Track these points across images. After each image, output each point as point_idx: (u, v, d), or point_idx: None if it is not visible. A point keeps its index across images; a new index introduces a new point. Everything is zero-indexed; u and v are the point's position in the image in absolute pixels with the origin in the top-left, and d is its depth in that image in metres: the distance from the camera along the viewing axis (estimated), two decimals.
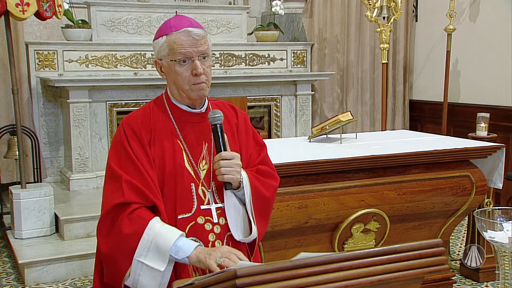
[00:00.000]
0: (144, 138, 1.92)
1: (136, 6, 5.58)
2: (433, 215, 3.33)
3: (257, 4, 6.68)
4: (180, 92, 1.97)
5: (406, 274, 1.40)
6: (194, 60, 1.91)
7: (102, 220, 1.87)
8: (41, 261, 3.91)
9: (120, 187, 1.85)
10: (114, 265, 1.84)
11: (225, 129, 2.02)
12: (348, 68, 6.35)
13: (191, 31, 1.91)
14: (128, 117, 1.99)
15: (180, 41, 1.90)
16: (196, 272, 1.90)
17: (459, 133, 4.97)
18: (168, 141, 1.95)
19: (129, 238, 1.80)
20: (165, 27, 1.96)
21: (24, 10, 4.04)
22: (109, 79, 5.13)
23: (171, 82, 1.98)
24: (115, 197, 1.85)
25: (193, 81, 1.92)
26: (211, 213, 1.94)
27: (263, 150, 2.15)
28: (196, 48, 1.91)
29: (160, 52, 1.96)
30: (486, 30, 5.49)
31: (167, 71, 1.97)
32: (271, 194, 2.08)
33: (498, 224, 2.46)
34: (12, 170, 5.16)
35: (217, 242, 1.93)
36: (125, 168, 1.88)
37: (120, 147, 1.92)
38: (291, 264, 1.31)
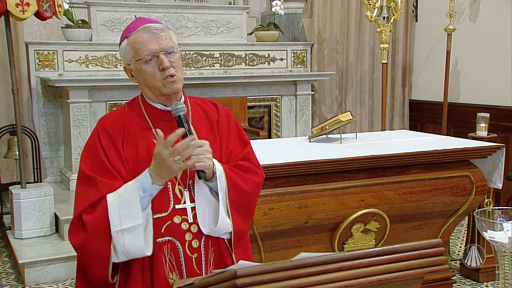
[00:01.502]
0: (117, 138, 1.93)
1: (136, 6, 5.58)
2: (433, 215, 3.33)
3: (257, 4, 6.68)
4: (153, 91, 1.97)
5: (406, 274, 1.41)
6: (159, 56, 1.90)
7: (74, 223, 1.87)
8: (41, 261, 3.91)
9: (95, 184, 1.85)
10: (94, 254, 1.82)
11: (204, 126, 2.01)
12: (347, 69, 6.35)
13: (149, 27, 1.91)
14: (102, 118, 2.01)
15: (141, 39, 1.90)
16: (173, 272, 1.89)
17: (459, 133, 4.97)
18: (143, 140, 1.95)
19: (98, 221, 1.81)
20: (125, 31, 1.97)
21: (24, 10, 4.04)
22: (109, 79, 5.13)
23: (143, 84, 1.98)
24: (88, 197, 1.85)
25: (163, 77, 1.91)
26: (186, 212, 1.92)
27: (246, 146, 2.12)
28: (158, 44, 1.90)
29: (126, 57, 1.96)
30: (486, 30, 5.49)
31: (136, 74, 1.97)
32: (252, 189, 2.02)
33: (498, 224, 2.46)
34: (12, 170, 5.16)
35: (194, 241, 1.91)
36: (97, 171, 1.89)
37: (92, 149, 1.94)
38: (291, 264, 1.31)
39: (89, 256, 1.84)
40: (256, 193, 2.07)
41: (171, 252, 1.89)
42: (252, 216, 2.08)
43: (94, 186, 1.86)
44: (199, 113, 2.06)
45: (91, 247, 1.82)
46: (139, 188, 1.83)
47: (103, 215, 1.81)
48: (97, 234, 1.81)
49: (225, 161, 2.02)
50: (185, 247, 1.90)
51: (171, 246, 1.89)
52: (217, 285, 1.35)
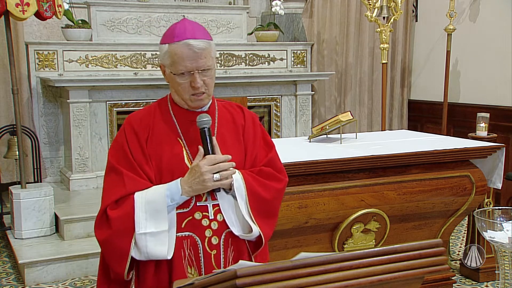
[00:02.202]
0: (142, 135, 1.98)
1: (136, 6, 5.58)
2: (433, 215, 3.33)
3: (257, 4, 6.68)
4: (180, 99, 2.03)
5: (406, 274, 1.41)
6: (193, 74, 1.93)
7: (100, 217, 1.93)
8: (41, 261, 3.91)
9: (121, 179, 1.92)
10: (116, 250, 1.89)
11: (230, 130, 2.07)
12: (346, 70, 6.35)
13: (192, 45, 1.91)
14: (131, 115, 2.06)
15: (180, 53, 1.92)
16: (191, 266, 1.93)
17: (459, 133, 4.97)
18: (168, 138, 2.00)
19: (123, 219, 1.88)
20: (169, 34, 1.98)
21: (24, 10, 4.04)
22: (109, 79, 5.13)
23: (172, 88, 2.04)
24: (114, 192, 1.92)
25: (191, 92, 1.96)
26: (207, 209, 1.96)
27: (271, 150, 2.16)
28: (196, 63, 1.92)
29: (163, 60, 2.00)
30: (486, 30, 5.49)
31: (168, 79, 2.02)
32: (272, 196, 2.07)
33: (498, 224, 2.46)
34: (12, 170, 5.16)
35: (214, 238, 1.95)
36: (123, 165, 1.95)
37: (119, 145, 2.00)
38: (291, 264, 1.31)
39: (110, 251, 1.91)
40: (277, 199, 2.11)
41: (190, 247, 1.94)
42: (275, 220, 2.12)
43: (120, 181, 1.93)
44: (226, 117, 2.10)
45: (113, 243, 1.89)
46: (168, 196, 1.90)
47: (128, 215, 1.88)
48: (120, 232, 1.88)
49: (249, 165, 2.07)
50: (204, 243, 1.95)
51: (190, 241, 1.94)
52: (217, 285, 1.35)
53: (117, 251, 1.89)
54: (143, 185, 1.93)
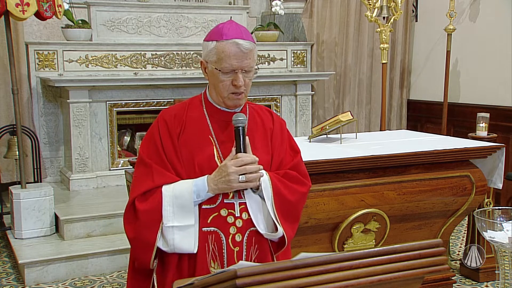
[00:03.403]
0: (174, 131, 2.03)
1: (136, 6, 5.58)
2: (433, 215, 3.33)
3: (257, 4, 6.68)
4: (218, 97, 2.06)
5: (406, 274, 1.41)
6: (237, 73, 1.98)
7: (128, 208, 2.00)
8: (41, 261, 3.91)
9: (151, 172, 1.98)
10: (142, 241, 1.95)
11: (259, 132, 2.12)
12: (346, 70, 6.35)
13: (240, 44, 1.98)
14: (165, 110, 2.12)
15: (228, 51, 1.97)
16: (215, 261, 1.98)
17: (459, 133, 4.97)
18: (200, 135, 2.05)
19: (150, 212, 1.94)
20: (217, 32, 2.03)
21: (24, 10, 4.04)
22: (109, 79, 5.13)
23: (212, 85, 2.08)
24: (143, 185, 1.97)
25: (232, 90, 2.01)
26: (234, 207, 2.00)
27: (296, 156, 2.20)
28: (242, 62, 1.98)
29: (208, 56, 2.03)
30: (486, 30, 5.49)
31: (210, 75, 2.06)
32: (296, 199, 2.11)
33: (498, 224, 2.46)
34: (12, 170, 5.16)
35: (238, 235, 2.00)
36: (153, 159, 2.00)
37: (151, 138, 2.05)
38: (291, 264, 1.31)
39: (137, 241, 1.97)
40: (300, 203, 2.16)
41: (214, 242, 1.98)
42: (297, 225, 2.15)
43: (149, 173, 1.98)
44: (256, 120, 2.15)
45: (140, 234, 1.95)
46: (194, 192, 1.95)
47: (156, 208, 1.94)
48: (147, 223, 1.94)
49: (275, 168, 2.11)
50: (228, 240, 1.99)
51: (215, 236, 1.98)
52: (217, 285, 1.35)
53: (144, 241, 1.94)
54: (171, 179, 1.97)
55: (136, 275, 2.08)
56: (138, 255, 2.00)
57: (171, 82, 5.28)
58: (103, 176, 5.19)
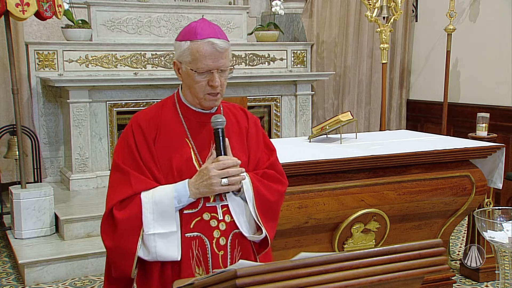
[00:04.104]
0: (150, 135, 1.96)
1: (136, 6, 5.58)
2: (433, 215, 3.33)
3: (257, 4, 6.68)
4: (193, 98, 2.01)
5: (406, 274, 1.41)
6: (213, 73, 1.94)
7: (106, 218, 1.92)
8: (41, 261, 3.91)
9: (128, 179, 1.90)
10: (122, 250, 1.88)
11: (234, 131, 2.06)
12: (345, 71, 6.35)
13: (216, 44, 1.93)
14: (138, 113, 2.05)
15: (204, 51, 1.92)
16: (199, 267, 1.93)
17: (459, 133, 4.97)
18: (176, 138, 1.99)
19: (130, 220, 1.87)
20: (190, 31, 1.97)
21: (24, 10, 4.04)
22: (109, 79, 5.13)
23: (186, 86, 2.02)
24: (120, 192, 1.90)
25: (208, 91, 1.96)
26: (216, 210, 1.96)
27: (272, 154, 2.17)
28: (218, 62, 1.94)
29: (181, 56, 1.98)
30: (486, 30, 5.49)
31: (184, 76, 2.00)
32: (276, 199, 2.09)
33: (498, 224, 2.45)
34: (12, 170, 5.16)
35: (222, 239, 1.96)
36: (130, 165, 1.94)
37: (125, 144, 1.97)
38: (291, 264, 1.31)
39: (117, 251, 1.90)
40: (280, 202, 2.13)
41: (198, 247, 1.94)
42: (276, 224, 2.13)
43: (126, 180, 1.91)
44: (231, 120, 2.10)
45: (120, 243, 1.88)
46: (175, 197, 1.89)
47: (136, 215, 1.87)
48: (126, 232, 1.87)
49: (252, 168, 2.07)
50: (212, 244, 1.95)
51: (199, 241, 1.94)
52: (217, 285, 1.35)
53: (124, 250, 1.88)
54: (150, 185, 1.91)
55: (113, 285, 2.01)
56: (117, 264, 1.92)
57: (171, 82, 5.27)
58: (103, 176, 5.19)
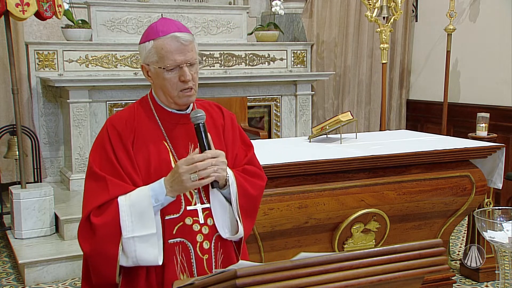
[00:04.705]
0: (128, 139, 1.91)
1: (136, 6, 5.58)
2: (433, 215, 3.33)
3: (257, 4, 6.68)
4: (167, 97, 1.96)
5: (406, 274, 1.41)
6: (182, 68, 1.89)
7: (83, 224, 1.85)
8: (41, 261, 3.91)
9: (105, 184, 1.84)
10: (103, 256, 1.82)
11: (210, 129, 2.01)
12: (345, 71, 6.35)
13: (179, 37, 1.88)
14: (113, 117, 1.98)
15: (169, 47, 1.88)
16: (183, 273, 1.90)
17: (459, 133, 4.97)
18: (154, 142, 1.95)
19: (108, 226, 1.81)
20: (151, 31, 1.93)
21: (24, 10, 4.04)
22: (109, 79, 5.13)
23: (158, 87, 1.97)
24: (97, 198, 1.84)
25: (181, 87, 1.91)
26: (197, 214, 1.93)
27: (250, 150, 2.14)
28: (185, 56, 1.89)
29: (147, 58, 1.94)
30: (486, 30, 5.49)
31: (154, 77, 1.95)
32: (258, 193, 2.07)
33: (498, 224, 2.46)
34: (12, 170, 5.16)
35: (205, 242, 1.93)
36: (107, 170, 1.87)
37: (101, 148, 1.91)
38: (291, 264, 1.31)
39: (98, 259, 1.84)
40: (260, 196, 2.11)
41: (182, 253, 1.90)
42: (255, 218, 2.11)
43: (103, 186, 1.84)
44: (206, 118, 2.04)
45: (99, 250, 1.82)
46: (152, 196, 1.84)
47: (113, 220, 1.81)
48: (105, 238, 1.81)
49: (230, 165, 2.03)
50: (196, 248, 1.92)
51: (182, 247, 1.90)
52: (217, 285, 1.35)
53: (105, 255, 1.81)
54: (128, 189, 1.85)
55: None
56: (99, 271, 1.85)
57: None
58: None
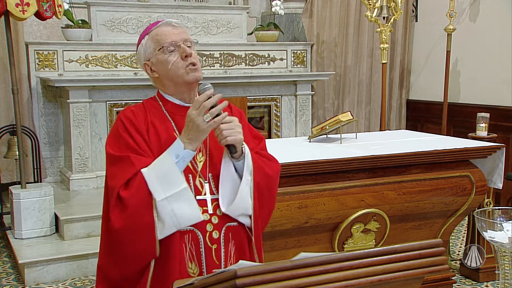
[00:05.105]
0: (142, 128, 1.95)
1: (136, 6, 5.58)
2: (433, 215, 3.33)
3: (257, 4, 6.68)
4: (175, 82, 1.99)
5: (406, 274, 1.41)
6: (180, 45, 1.96)
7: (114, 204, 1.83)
8: (41, 261, 3.91)
9: (130, 162, 1.86)
10: (139, 228, 1.81)
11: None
12: (346, 71, 6.35)
13: (170, 21, 2.00)
14: (124, 110, 2.02)
15: (162, 31, 1.98)
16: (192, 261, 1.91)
17: (459, 133, 4.97)
18: (165, 134, 1.98)
19: (138, 195, 1.81)
20: (144, 31, 2.05)
21: (24, 10, 4.04)
22: (109, 79, 5.13)
23: (164, 77, 2.01)
24: (123, 176, 1.84)
25: (186, 64, 1.96)
26: (207, 203, 1.95)
27: (261, 142, 2.17)
28: (180, 35, 1.98)
29: (146, 52, 2.01)
30: (486, 30, 5.49)
31: (157, 67, 2.00)
32: (274, 174, 2.07)
33: (498, 224, 2.46)
34: (12, 170, 5.16)
35: (214, 232, 1.94)
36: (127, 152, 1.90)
37: (118, 137, 1.94)
38: (291, 264, 1.31)
39: (133, 231, 1.82)
40: (277, 179, 2.11)
41: (192, 241, 1.91)
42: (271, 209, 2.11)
43: (128, 163, 1.86)
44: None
45: (134, 222, 1.81)
46: (172, 154, 1.86)
47: (142, 189, 1.82)
48: (138, 207, 1.81)
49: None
50: (205, 238, 1.93)
51: (192, 235, 1.91)
52: (217, 285, 1.35)
53: (141, 228, 1.81)
54: (150, 162, 1.87)
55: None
56: (136, 248, 1.83)
57: None
58: (103, 176, 5.16)
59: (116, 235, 1.85)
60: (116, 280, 1.95)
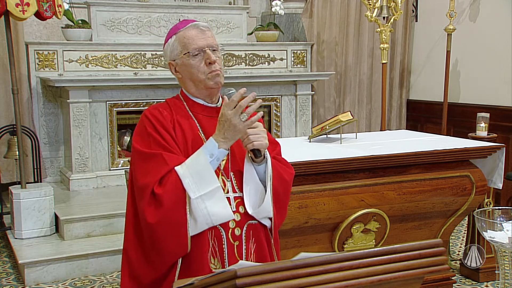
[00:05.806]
0: (169, 126, 1.99)
1: (136, 6, 5.58)
2: (433, 215, 3.33)
3: (257, 4, 6.68)
4: (197, 85, 2.05)
5: (406, 274, 1.41)
6: (206, 51, 2.00)
7: (148, 201, 1.87)
8: (41, 261, 3.90)
9: (163, 159, 1.89)
10: (173, 224, 1.86)
11: None
12: (346, 70, 6.35)
13: (198, 24, 2.05)
14: (150, 108, 2.06)
15: (190, 34, 2.02)
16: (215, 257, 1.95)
17: (459, 133, 4.97)
18: (190, 132, 2.03)
19: (173, 192, 1.86)
20: (172, 30, 2.08)
21: (24, 10, 4.04)
22: (109, 79, 5.13)
23: (187, 79, 2.06)
24: (156, 173, 1.88)
25: (208, 70, 2.01)
26: (230, 201, 1.99)
27: (276, 147, 2.22)
28: (206, 41, 2.03)
29: (172, 52, 2.06)
30: (486, 30, 5.49)
31: (181, 69, 2.06)
32: (290, 179, 2.13)
33: (498, 224, 2.46)
34: (12, 170, 5.16)
35: (237, 229, 1.99)
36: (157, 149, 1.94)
37: (146, 135, 1.98)
38: (291, 264, 1.31)
39: (166, 227, 1.86)
40: (291, 185, 2.16)
41: (214, 238, 1.95)
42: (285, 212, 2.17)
43: (161, 161, 1.89)
44: None
45: (168, 218, 1.86)
46: (206, 153, 1.91)
47: (177, 186, 1.86)
48: (172, 204, 1.86)
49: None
50: (228, 234, 1.97)
51: (215, 232, 1.96)
52: (217, 285, 1.35)
53: (174, 224, 1.86)
54: (182, 160, 1.92)
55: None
56: (168, 243, 1.87)
57: (171, 82, 5.27)
58: (103, 176, 5.19)
59: (151, 230, 1.89)
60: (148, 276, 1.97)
